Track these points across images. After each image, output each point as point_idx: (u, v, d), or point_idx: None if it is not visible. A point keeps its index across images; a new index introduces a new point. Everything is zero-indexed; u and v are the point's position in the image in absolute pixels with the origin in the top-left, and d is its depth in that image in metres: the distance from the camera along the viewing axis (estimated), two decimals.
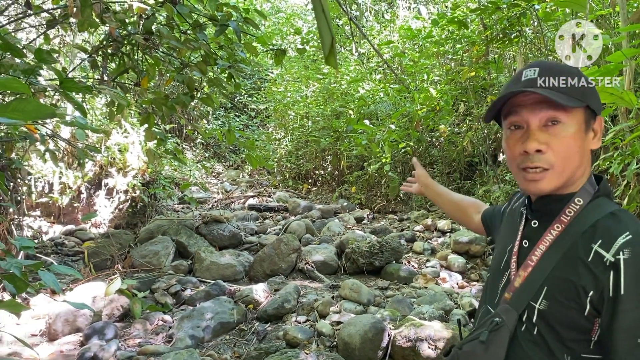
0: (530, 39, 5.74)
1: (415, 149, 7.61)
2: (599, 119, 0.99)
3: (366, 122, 7.47)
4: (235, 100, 13.66)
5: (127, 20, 2.84)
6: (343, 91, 9.74)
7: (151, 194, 6.77)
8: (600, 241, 0.88)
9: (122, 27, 2.77)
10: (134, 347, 3.38)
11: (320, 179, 10.10)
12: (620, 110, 3.21)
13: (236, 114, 13.32)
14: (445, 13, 7.57)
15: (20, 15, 3.74)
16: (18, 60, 2.14)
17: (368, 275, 4.87)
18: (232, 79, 3.23)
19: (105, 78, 3.02)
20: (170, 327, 3.67)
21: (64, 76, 1.94)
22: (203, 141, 11.87)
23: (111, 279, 4.11)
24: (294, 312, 3.89)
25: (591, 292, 0.86)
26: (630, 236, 0.85)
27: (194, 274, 4.87)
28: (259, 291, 4.19)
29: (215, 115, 12.38)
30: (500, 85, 6.27)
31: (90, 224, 6.39)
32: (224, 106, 13.03)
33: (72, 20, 2.70)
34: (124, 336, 3.59)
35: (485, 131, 6.42)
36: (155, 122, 3.14)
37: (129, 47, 3.02)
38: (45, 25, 3.02)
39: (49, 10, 2.91)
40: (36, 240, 5.69)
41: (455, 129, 7.24)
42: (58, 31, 5.03)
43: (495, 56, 5.98)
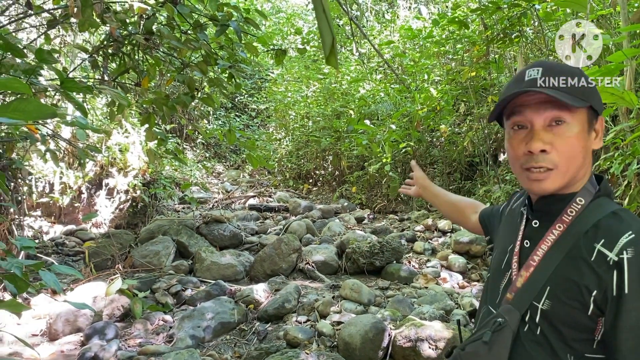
0: (530, 39, 5.74)
1: (416, 149, 7.61)
2: (600, 119, 0.99)
3: (367, 122, 7.47)
4: (236, 100, 13.66)
5: (128, 21, 2.84)
6: (344, 91, 9.74)
7: (152, 194, 6.78)
8: (602, 240, 0.88)
9: (123, 27, 2.77)
10: (134, 347, 3.38)
11: (320, 179, 10.10)
12: (621, 110, 3.21)
13: (237, 114, 13.33)
14: (446, 13, 7.56)
15: (21, 15, 3.74)
16: (19, 60, 2.14)
17: (368, 275, 4.87)
18: (233, 79, 3.23)
19: (106, 78, 3.02)
20: (171, 327, 3.67)
21: (65, 76, 1.94)
22: (204, 141, 11.87)
23: (112, 279, 4.11)
24: (295, 312, 3.89)
25: (595, 292, 0.86)
26: (633, 235, 0.85)
27: (194, 274, 4.87)
28: (260, 291, 4.19)
29: (215, 115, 12.38)
30: (501, 86, 6.27)
31: (91, 224, 6.39)
32: (224, 106, 13.03)
33: (73, 20, 2.71)
34: (125, 336, 3.59)
35: (486, 131, 6.42)
36: (156, 122, 3.14)
37: (129, 47, 3.02)
38: (46, 25, 3.02)
39: (50, 10, 2.92)
40: (37, 240, 5.69)
41: (456, 129, 7.24)
42: (59, 31, 5.03)
43: (496, 56, 5.98)
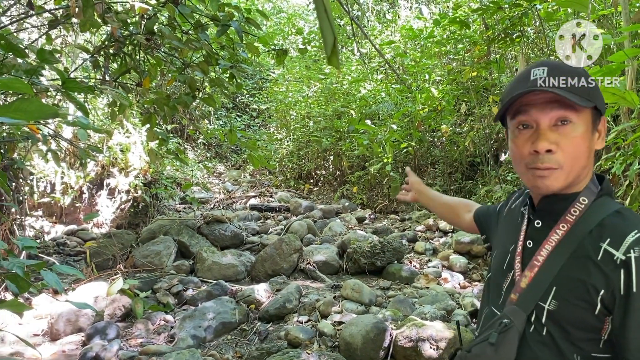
0: (532, 38, 5.74)
1: (417, 149, 7.60)
2: (603, 119, 0.99)
3: (368, 122, 7.46)
4: (237, 100, 13.66)
5: (129, 21, 2.84)
6: (345, 91, 9.74)
7: (153, 194, 6.78)
8: (608, 240, 0.88)
9: (124, 28, 2.78)
10: (135, 347, 3.39)
11: (321, 179, 10.09)
12: (622, 110, 3.21)
13: (238, 114, 13.33)
14: (447, 13, 7.56)
15: (23, 16, 3.75)
16: (20, 61, 2.14)
17: (370, 275, 4.87)
18: (234, 79, 3.23)
19: (107, 78, 3.02)
20: (172, 327, 3.67)
21: (66, 76, 1.94)
22: (205, 141, 11.88)
23: (113, 279, 4.12)
24: (296, 312, 3.89)
25: (602, 291, 0.86)
26: (639, 234, 0.86)
27: (195, 274, 4.87)
28: (261, 291, 4.19)
29: (216, 116, 12.38)
30: (502, 86, 6.26)
31: (92, 224, 6.40)
32: (225, 106, 13.04)
33: (74, 20, 2.71)
34: (126, 336, 3.59)
35: (487, 131, 6.41)
36: (157, 122, 3.15)
37: (130, 48, 3.02)
38: (47, 26, 3.03)
39: (51, 11, 2.92)
40: (38, 240, 5.70)
41: (457, 129, 7.23)
42: (60, 31, 5.03)
43: (497, 56, 5.97)
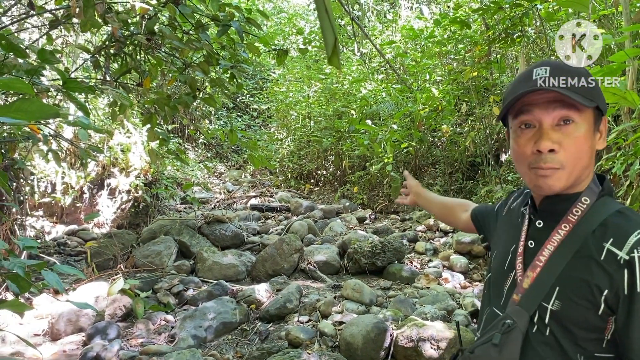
0: (532, 39, 5.73)
1: (418, 149, 7.60)
2: (604, 119, 0.99)
3: (368, 122, 7.46)
4: (238, 100, 13.67)
5: (130, 21, 2.84)
6: (345, 91, 9.74)
7: (153, 194, 6.78)
8: (612, 239, 0.88)
9: (125, 28, 2.78)
10: (136, 347, 3.39)
11: (322, 179, 10.09)
12: (623, 110, 3.21)
13: (238, 114, 13.34)
14: (448, 13, 7.55)
15: (23, 16, 3.75)
16: (21, 61, 2.15)
17: (370, 275, 4.87)
18: (235, 79, 3.23)
19: (108, 78, 3.03)
20: (173, 327, 3.67)
21: (67, 76, 1.94)
22: (205, 141, 11.88)
23: (114, 279, 4.13)
24: (296, 312, 3.89)
25: (606, 291, 0.86)
26: None
27: (196, 274, 4.87)
28: (261, 291, 4.19)
29: (217, 116, 12.39)
30: (503, 86, 6.26)
31: (93, 224, 6.41)
32: (226, 106, 13.04)
33: (75, 20, 2.71)
34: (127, 336, 3.59)
35: (488, 131, 6.41)
36: (158, 122, 3.15)
37: (131, 48, 3.02)
38: (48, 26, 3.03)
39: (52, 11, 2.92)
40: (39, 240, 5.70)
41: (458, 129, 7.23)
42: (61, 31, 5.04)
43: (498, 56, 5.97)
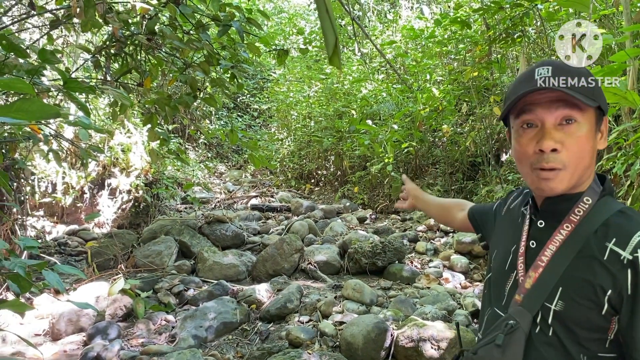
0: (533, 38, 5.73)
1: (418, 149, 7.60)
2: (605, 119, 0.99)
3: (369, 122, 7.46)
4: (238, 100, 13.68)
5: (130, 21, 2.85)
6: (346, 91, 9.74)
7: (154, 194, 6.79)
8: (614, 239, 0.88)
9: (125, 28, 2.78)
10: (137, 347, 3.39)
11: (322, 179, 10.09)
12: (623, 110, 3.21)
13: (239, 114, 13.34)
14: (448, 13, 7.55)
15: (24, 16, 3.75)
16: (22, 61, 2.15)
17: (371, 275, 4.87)
18: (235, 79, 3.23)
19: (109, 78, 3.03)
20: (173, 327, 3.67)
21: (68, 76, 1.95)
22: (206, 141, 11.89)
23: (114, 279, 4.13)
24: (297, 312, 3.89)
25: (609, 291, 0.86)
26: None
27: (196, 274, 4.87)
28: (262, 291, 4.19)
29: (217, 116, 12.39)
30: (504, 86, 6.25)
31: (94, 224, 6.41)
32: (226, 106, 13.05)
33: (76, 20, 2.71)
34: (127, 336, 3.59)
35: (488, 131, 6.41)
36: (158, 122, 3.15)
37: (132, 48, 3.02)
38: (48, 26, 3.03)
39: (53, 11, 2.93)
40: (39, 240, 5.70)
41: (458, 129, 7.23)
42: (61, 31, 5.04)
43: (498, 56, 5.97)
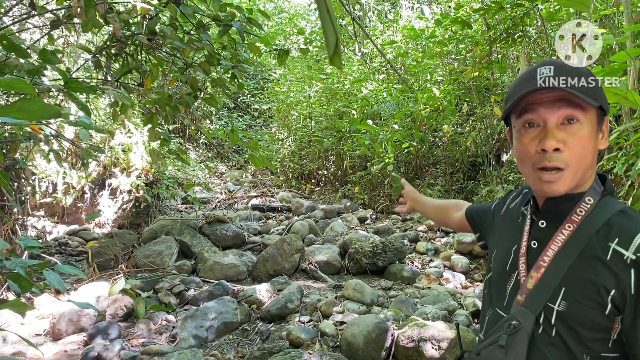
0: (533, 39, 5.72)
1: (418, 149, 7.60)
2: (606, 119, 0.98)
3: (369, 122, 7.46)
4: (239, 100, 13.68)
5: (131, 21, 2.85)
6: (346, 91, 9.74)
7: (155, 194, 6.79)
8: (617, 239, 0.88)
9: (126, 28, 2.78)
10: (137, 347, 3.39)
11: (323, 179, 10.09)
12: (624, 110, 3.21)
13: (239, 114, 13.35)
14: (449, 13, 7.55)
15: (25, 16, 3.75)
16: (22, 61, 2.15)
17: (371, 275, 4.87)
18: (236, 79, 3.23)
19: (109, 78, 3.03)
20: (174, 327, 3.67)
21: (68, 76, 1.95)
22: (206, 141, 11.89)
23: (115, 279, 4.13)
24: (297, 312, 3.89)
25: (613, 291, 0.85)
26: None
27: (197, 274, 4.87)
28: (262, 291, 4.20)
29: (218, 116, 12.40)
30: (504, 85, 6.25)
31: (94, 224, 6.41)
32: (227, 106, 13.05)
33: (76, 20, 2.71)
34: (128, 336, 3.59)
35: (489, 131, 6.40)
36: (159, 122, 3.15)
37: (132, 48, 3.03)
38: (49, 26, 3.03)
39: (53, 11, 2.93)
40: (40, 240, 5.71)
41: (459, 129, 7.23)
42: (62, 32, 5.05)
43: (499, 56, 5.96)
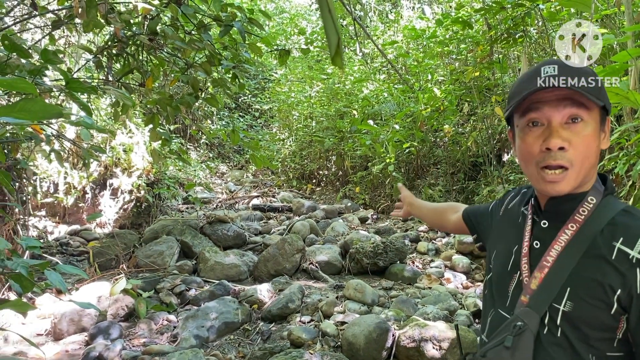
0: (534, 39, 5.72)
1: (420, 149, 7.59)
2: (608, 119, 0.98)
3: (370, 122, 7.47)
4: (240, 100, 13.68)
5: (132, 21, 2.85)
6: (347, 91, 9.73)
7: (156, 194, 6.79)
8: (622, 239, 0.88)
9: (127, 28, 2.78)
10: (138, 347, 3.39)
11: (324, 179, 10.09)
12: (625, 110, 3.20)
13: (240, 114, 13.35)
14: (450, 13, 7.55)
15: (26, 16, 3.76)
16: (24, 61, 2.15)
17: (372, 275, 4.87)
18: (237, 80, 3.23)
19: (110, 78, 3.03)
20: (175, 327, 3.68)
21: (70, 77, 1.95)
22: (207, 141, 11.90)
23: (116, 279, 4.13)
24: (298, 312, 3.89)
25: (619, 291, 0.85)
26: None
27: (198, 274, 4.88)
28: (263, 291, 4.20)
29: (219, 116, 12.40)
30: (505, 86, 6.25)
31: (95, 224, 6.42)
32: (228, 106, 13.05)
33: (78, 21, 2.72)
34: (129, 336, 3.60)
35: (490, 131, 6.40)
36: (160, 123, 3.15)
37: (133, 48, 3.03)
38: (50, 26, 3.03)
39: (55, 11, 2.93)
40: (41, 240, 5.71)
41: (460, 129, 7.22)
42: (63, 32, 5.05)
43: (500, 56, 5.96)
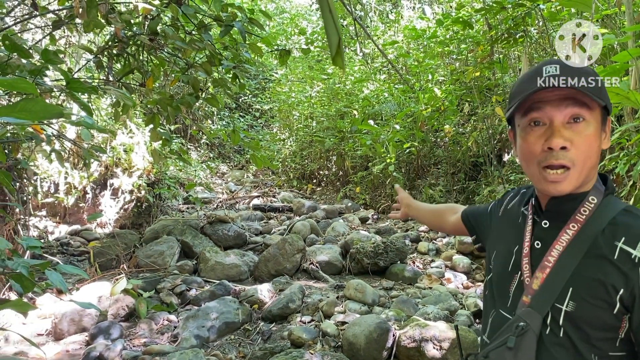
0: (535, 39, 5.72)
1: (420, 149, 7.59)
2: (609, 119, 0.98)
3: (371, 123, 7.46)
4: (240, 100, 13.68)
5: (133, 21, 2.85)
6: (347, 91, 9.73)
7: (156, 194, 6.80)
8: (624, 238, 0.88)
9: (128, 28, 2.78)
10: (139, 347, 3.39)
11: (324, 179, 10.09)
12: (626, 110, 3.20)
13: (241, 114, 13.35)
14: (450, 13, 7.55)
15: (27, 16, 3.76)
16: (24, 61, 2.15)
17: (373, 275, 4.87)
18: (237, 80, 3.23)
19: (111, 78, 3.03)
20: (176, 327, 3.68)
21: (70, 77, 1.95)
22: (208, 141, 11.90)
23: (117, 279, 4.13)
24: (299, 312, 3.89)
25: (621, 290, 0.85)
26: None
27: (199, 274, 4.88)
28: (264, 291, 4.20)
29: (219, 116, 12.40)
30: (505, 86, 6.24)
31: (96, 224, 6.42)
32: (228, 106, 13.06)
33: (78, 21, 2.72)
34: (130, 336, 3.60)
35: (490, 131, 6.40)
36: (161, 123, 3.15)
37: (134, 48, 3.03)
38: (51, 26, 3.03)
39: (55, 11, 2.93)
40: (42, 240, 5.72)
41: (460, 129, 7.22)
42: (64, 32, 5.06)
43: (500, 56, 5.96)
